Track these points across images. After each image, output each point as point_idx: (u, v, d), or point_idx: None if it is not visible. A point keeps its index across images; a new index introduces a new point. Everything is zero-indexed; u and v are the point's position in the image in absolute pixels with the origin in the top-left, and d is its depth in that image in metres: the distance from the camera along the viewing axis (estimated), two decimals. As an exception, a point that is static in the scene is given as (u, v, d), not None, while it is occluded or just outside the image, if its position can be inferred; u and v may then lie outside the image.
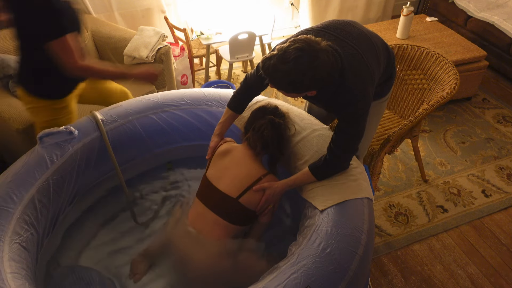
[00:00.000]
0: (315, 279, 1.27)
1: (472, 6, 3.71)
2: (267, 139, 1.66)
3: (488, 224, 2.35)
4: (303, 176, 1.61)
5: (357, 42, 1.46)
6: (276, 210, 1.72)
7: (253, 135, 1.68)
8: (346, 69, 1.39)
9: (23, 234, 1.48)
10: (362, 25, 1.60)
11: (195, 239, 1.60)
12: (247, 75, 1.70)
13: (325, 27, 1.49)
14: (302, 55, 1.25)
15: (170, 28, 3.29)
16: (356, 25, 1.55)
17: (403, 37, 3.21)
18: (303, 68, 1.26)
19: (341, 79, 1.39)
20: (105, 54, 2.91)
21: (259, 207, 1.62)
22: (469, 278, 2.08)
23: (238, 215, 1.61)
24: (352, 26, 1.52)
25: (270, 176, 1.66)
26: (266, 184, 1.61)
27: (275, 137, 1.68)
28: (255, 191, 1.60)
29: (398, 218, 2.37)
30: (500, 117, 3.16)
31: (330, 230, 1.40)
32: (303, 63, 1.26)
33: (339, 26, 1.49)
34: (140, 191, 2.04)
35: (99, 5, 3.22)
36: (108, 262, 1.74)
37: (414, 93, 2.35)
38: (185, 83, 3.20)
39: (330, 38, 1.43)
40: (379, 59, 1.55)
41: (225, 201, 1.60)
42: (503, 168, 2.70)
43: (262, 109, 1.75)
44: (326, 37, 1.43)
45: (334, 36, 1.45)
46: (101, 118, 1.86)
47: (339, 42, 1.43)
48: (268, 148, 1.68)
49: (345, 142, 1.50)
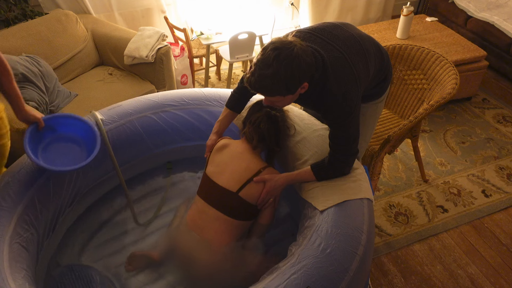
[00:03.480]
0: (315, 279, 1.27)
1: (472, 6, 3.71)
2: (264, 131, 1.66)
3: (488, 224, 2.35)
4: (304, 174, 1.61)
5: (343, 45, 1.45)
6: (277, 207, 1.71)
7: (250, 128, 1.69)
8: (329, 71, 1.38)
9: (23, 234, 1.48)
10: (355, 28, 1.59)
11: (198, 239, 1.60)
12: (244, 75, 1.70)
13: (313, 30, 1.49)
14: (279, 51, 1.26)
15: (170, 28, 3.29)
16: (347, 28, 1.54)
17: (403, 37, 3.21)
18: (287, 61, 1.26)
19: (323, 82, 1.39)
20: (105, 54, 2.91)
21: (260, 200, 1.61)
22: (469, 278, 2.08)
23: (239, 210, 1.61)
24: (341, 29, 1.51)
25: (270, 169, 1.66)
26: (267, 176, 1.61)
27: (272, 129, 1.69)
28: (255, 183, 1.60)
29: (398, 218, 2.37)
30: (500, 117, 3.16)
31: (330, 230, 1.40)
32: (285, 57, 1.26)
33: (327, 29, 1.49)
34: (140, 191, 2.04)
35: (99, 5, 3.22)
36: (108, 261, 1.74)
37: (414, 93, 2.35)
38: (185, 83, 3.21)
39: (316, 41, 1.43)
40: (368, 63, 1.53)
41: (225, 196, 1.60)
42: (503, 168, 2.70)
43: (259, 103, 1.76)
44: (312, 39, 1.43)
45: (320, 39, 1.44)
46: (101, 118, 1.86)
47: (324, 45, 1.42)
48: (265, 141, 1.68)
49: (340, 146, 1.51)
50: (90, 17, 3.03)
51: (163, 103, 1.99)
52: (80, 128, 1.74)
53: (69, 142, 1.72)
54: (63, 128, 1.71)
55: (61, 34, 2.71)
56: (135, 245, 1.81)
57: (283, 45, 1.27)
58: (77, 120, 1.74)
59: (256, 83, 1.29)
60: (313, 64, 1.33)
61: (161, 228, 1.88)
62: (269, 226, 1.71)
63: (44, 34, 2.64)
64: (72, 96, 2.60)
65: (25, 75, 2.33)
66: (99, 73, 2.85)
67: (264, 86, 1.30)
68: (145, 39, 2.72)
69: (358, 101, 1.47)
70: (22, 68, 2.33)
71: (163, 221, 1.91)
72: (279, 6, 3.99)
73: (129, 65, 2.79)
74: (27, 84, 2.34)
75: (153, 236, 1.86)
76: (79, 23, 2.85)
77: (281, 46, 1.27)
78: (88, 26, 2.92)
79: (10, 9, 2.80)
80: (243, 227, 1.66)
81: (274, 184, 1.60)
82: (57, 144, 1.69)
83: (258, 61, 1.29)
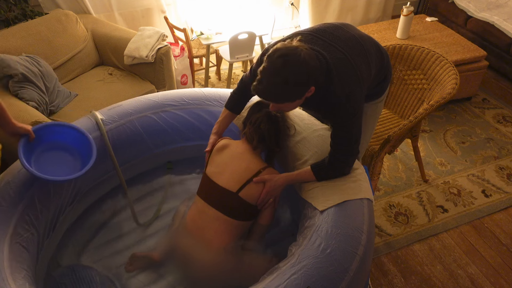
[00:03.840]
0: (315, 279, 1.27)
1: (472, 6, 3.71)
2: (264, 132, 1.67)
3: (488, 224, 2.35)
4: (304, 174, 1.61)
5: (345, 46, 1.45)
6: (276, 207, 1.71)
7: (250, 128, 1.69)
8: (333, 73, 1.38)
9: (24, 234, 1.48)
10: (355, 28, 1.59)
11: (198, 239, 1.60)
12: (243, 76, 1.70)
13: (314, 31, 1.48)
14: (287, 58, 1.25)
15: (170, 28, 3.29)
16: (348, 29, 1.54)
17: (403, 37, 3.21)
18: (295, 68, 1.26)
19: (327, 83, 1.39)
20: (105, 54, 2.91)
21: (260, 200, 1.61)
22: (469, 278, 2.08)
23: (239, 210, 1.61)
24: (343, 30, 1.51)
25: (270, 169, 1.66)
26: (266, 176, 1.61)
27: (272, 130, 1.69)
28: (255, 183, 1.60)
29: (398, 218, 2.37)
30: (500, 117, 3.16)
31: (330, 230, 1.40)
32: (293, 63, 1.25)
33: (329, 30, 1.49)
34: (140, 191, 2.04)
35: (99, 5, 3.22)
36: (109, 262, 1.74)
37: (414, 93, 2.35)
38: (185, 83, 3.21)
39: (318, 42, 1.43)
40: (370, 63, 1.54)
41: (225, 196, 1.60)
42: (503, 168, 2.70)
43: (259, 103, 1.77)
44: (314, 41, 1.43)
45: (322, 40, 1.44)
46: (101, 118, 1.86)
47: (326, 46, 1.42)
48: (265, 141, 1.69)
49: (342, 147, 1.51)
50: (90, 17, 3.03)
51: (163, 103, 1.99)
52: (74, 137, 1.70)
53: (62, 151, 1.68)
54: (55, 136, 1.67)
55: (61, 34, 2.71)
56: (135, 245, 1.81)
57: (290, 51, 1.27)
58: (69, 128, 1.70)
59: (265, 92, 1.30)
60: (318, 68, 1.33)
61: (161, 228, 1.88)
62: (269, 227, 1.71)
63: (44, 34, 2.64)
64: (72, 96, 2.60)
65: (25, 75, 2.33)
66: (99, 73, 2.85)
67: (273, 94, 1.30)
68: (145, 39, 2.72)
69: (361, 102, 1.48)
70: (22, 68, 2.33)
71: (163, 221, 1.91)
72: (279, 6, 3.99)
73: (129, 65, 2.79)
74: (27, 84, 2.34)
75: (153, 236, 1.85)
76: (79, 23, 2.85)
77: (288, 53, 1.26)
78: (88, 26, 2.92)
79: (10, 9, 2.80)
80: (243, 227, 1.66)
81: (274, 184, 1.60)
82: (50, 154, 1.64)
83: (265, 69, 1.28)
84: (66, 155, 1.69)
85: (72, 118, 2.37)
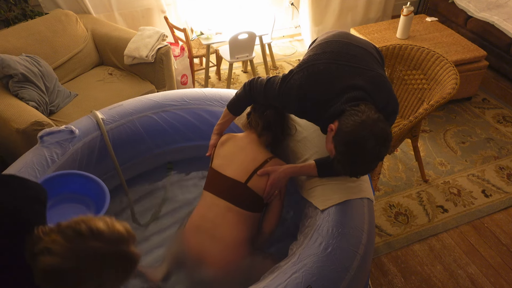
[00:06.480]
0: (316, 278, 1.27)
1: (472, 6, 3.72)
2: (269, 118, 1.67)
3: (488, 224, 2.35)
4: (308, 168, 1.60)
5: (365, 62, 1.47)
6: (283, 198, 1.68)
7: (254, 115, 1.70)
8: (376, 95, 1.41)
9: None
10: (351, 35, 1.60)
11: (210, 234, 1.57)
12: (252, 85, 1.62)
13: (335, 58, 1.46)
14: (378, 142, 1.30)
15: (170, 28, 3.29)
16: (350, 40, 1.54)
17: (403, 37, 3.21)
18: (386, 145, 1.33)
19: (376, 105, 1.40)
20: (105, 54, 2.91)
21: (265, 193, 1.60)
22: (469, 278, 2.08)
23: (249, 200, 1.59)
24: (350, 45, 1.51)
25: (276, 159, 1.66)
26: (269, 168, 1.60)
27: (277, 116, 1.70)
28: (259, 176, 1.59)
29: (398, 218, 2.37)
30: (500, 117, 3.16)
31: (331, 229, 1.40)
32: (383, 141, 1.31)
33: (343, 51, 1.47)
34: (140, 191, 2.04)
35: (99, 5, 3.22)
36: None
37: (414, 93, 2.35)
38: (185, 83, 3.21)
39: (344, 70, 1.42)
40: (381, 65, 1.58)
41: (234, 186, 1.58)
42: (503, 168, 2.70)
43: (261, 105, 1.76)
44: (340, 69, 1.42)
45: (347, 66, 1.44)
46: (101, 118, 1.86)
47: (354, 70, 1.43)
48: (270, 128, 1.69)
49: None
50: (90, 17, 3.03)
51: (163, 103, 1.99)
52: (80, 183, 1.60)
53: (73, 202, 1.59)
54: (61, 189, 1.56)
55: (61, 34, 2.71)
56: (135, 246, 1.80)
57: (375, 132, 1.29)
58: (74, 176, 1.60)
59: (363, 173, 1.41)
60: (383, 119, 1.35)
61: (161, 229, 1.88)
62: (279, 220, 1.69)
63: (44, 34, 2.64)
64: (72, 96, 2.60)
65: (25, 75, 2.32)
66: (99, 73, 2.85)
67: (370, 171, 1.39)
68: (145, 39, 2.72)
69: None
70: (22, 68, 2.33)
71: (163, 222, 1.91)
72: (279, 6, 3.99)
73: (129, 65, 2.79)
74: (27, 84, 2.34)
75: (153, 236, 1.84)
76: (79, 23, 2.85)
77: (377, 134, 1.29)
78: (88, 26, 2.92)
79: (10, 9, 2.81)
80: (255, 219, 1.62)
81: (277, 176, 1.59)
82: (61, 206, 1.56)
83: (361, 157, 1.31)
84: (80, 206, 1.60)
85: (72, 118, 2.37)
